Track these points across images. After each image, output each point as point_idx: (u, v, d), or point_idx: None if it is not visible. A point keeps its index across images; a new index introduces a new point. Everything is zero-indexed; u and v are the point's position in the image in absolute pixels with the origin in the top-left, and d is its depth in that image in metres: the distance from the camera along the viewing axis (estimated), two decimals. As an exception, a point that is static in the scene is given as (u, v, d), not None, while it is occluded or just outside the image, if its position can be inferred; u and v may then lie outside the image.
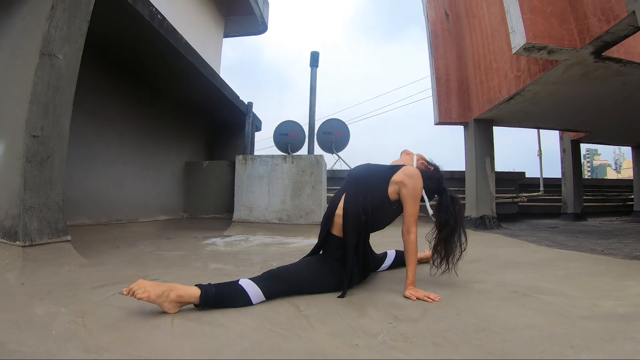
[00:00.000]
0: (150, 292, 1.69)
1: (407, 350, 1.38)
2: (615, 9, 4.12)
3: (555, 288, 2.40)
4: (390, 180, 2.33)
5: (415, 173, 2.34)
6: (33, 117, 2.86)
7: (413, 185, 2.30)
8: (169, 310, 1.74)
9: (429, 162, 2.66)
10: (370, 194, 2.32)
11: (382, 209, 2.36)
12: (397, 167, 2.40)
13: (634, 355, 1.31)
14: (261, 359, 1.29)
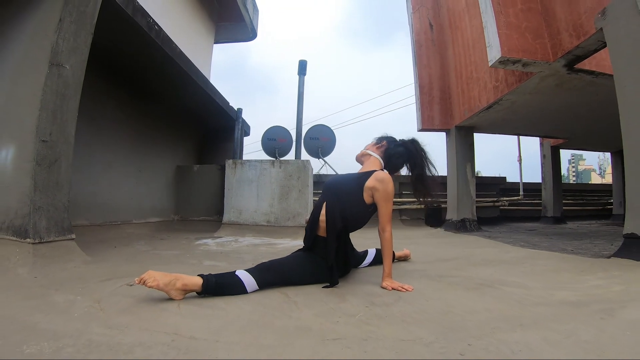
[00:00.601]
0: (159, 280, 1.94)
1: (378, 325, 1.66)
2: (585, 26, 4.38)
3: (518, 281, 2.68)
4: (364, 187, 2.58)
5: (385, 177, 2.58)
6: (42, 124, 3.08)
7: (384, 189, 2.56)
8: (175, 297, 1.99)
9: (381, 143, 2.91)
10: (349, 202, 2.58)
11: (359, 212, 2.63)
12: (369, 173, 2.64)
13: (573, 332, 1.57)
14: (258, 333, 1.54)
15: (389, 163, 2.82)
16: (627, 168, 3.72)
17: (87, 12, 3.60)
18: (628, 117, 3.69)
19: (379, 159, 2.80)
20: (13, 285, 2.28)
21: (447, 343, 1.44)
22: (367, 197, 2.59)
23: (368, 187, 2.58)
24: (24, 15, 3.50)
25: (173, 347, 1.35)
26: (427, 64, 8.80)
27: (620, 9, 3.74)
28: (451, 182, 8.48)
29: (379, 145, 2.86)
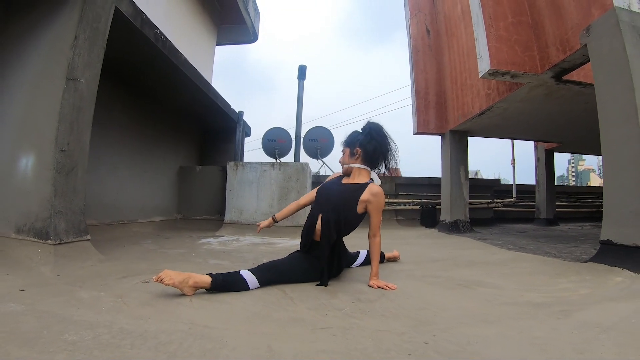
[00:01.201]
0: (174, 279, 2.23)
1: (361, 318, 1.97)
2: (571, 41, 4.58)
3: (494, 282, 2.98)
4: (359, 200, 2.86)
5: (378, 191, 2.88)
6: (61, 135, 3.36)
7: (377, 201, 2.86)
8: (187, 293, 2.28)
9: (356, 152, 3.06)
10: (344, 212, 2.87)
11: (352, 220, 2.92)
12: (364, 186, 2.91)
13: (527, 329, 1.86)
14: (259, 323, 1.83)
15: (373, 164, 3.07)
16: (605, 178, 3.93)
17: (100, 28, 3.88)
18: (606, 130, 3.91)
19: (365, 168, 3.04)
20: (40, 283, 2.55)
21: (416, 334, 1.74)
22: (361, 208, 2.88)
23: (363, 200, 2.86)
24: (38, 31, 3.76)
25: (190, 334, 1.64)
26: (424, 69, 9.03)
27: (603, 27, 3.95)
28: (445, 185, 8.74)
29: (357, 156, 3.05)
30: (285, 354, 1.46)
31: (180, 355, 1.41)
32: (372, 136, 3.02)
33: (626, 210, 3.60)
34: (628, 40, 3.70)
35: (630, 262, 3.33)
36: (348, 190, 2.96)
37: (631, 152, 3.59)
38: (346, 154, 3.13)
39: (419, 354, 1.50)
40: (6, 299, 2.09)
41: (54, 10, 3.72)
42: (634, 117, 3.55)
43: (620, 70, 3.73)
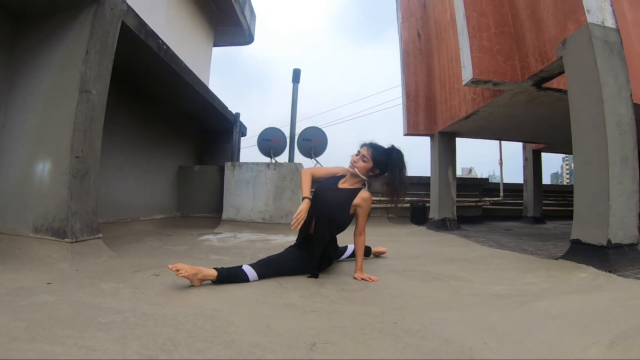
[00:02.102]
0: (188, 272, 2.57)
1: (344, 304, 2.35)
2: (548, 52, 4.86)
3: (467, 276, 3.33)
4: (352, 204, 3.25)
5: (368, 197, 3.27)
6: (76, 142, 3.69)
7: (366, 205, 3.27)
8: (195, 284, 2.64)
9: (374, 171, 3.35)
10: (336, 214, 3.23)
11: (343, 222, 3.31)
12: (357, 191, 3.29)
13: (484, 315, 2.21)
14: (258, 307, 2.18)
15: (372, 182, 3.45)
16: (575, 182, 4.26)
17: (108, 42, 4.19)
18: (577, 138, 4.24)
19: (364, 179, 3.39)
20: (63, 277, 2.86)
21: (389, 316, 2.11)
22: (352, 210, 3.27)
23: (354, 204, 3.24)
24: (50, 44, 4.08)
25: (202, 315, 2.00)
26: (414, 72, 9.35)
27: (577, 42, 4.24)
28: (434, 184, 9.09)
29: (372, 173, 3.34)
30: (281, 330, 1.83)
31: (195, 332, 1.77)
32: (395, 169, 3.27)
33: (593, 212, 3.92)
34: (599, 55, 3.99)
35: (596, 260, 3.66)
36: (343, 194, 3.30)
37: (598, 159, 3.89)
38: (367, 166, 3.27)
39: (388, 331, 1.87)
40: (37, 291, 2.41)
41: (66, 25, 4.05)
42: (602, 127, 3.86)
43: (592, 83, 4.02)
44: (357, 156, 3.29)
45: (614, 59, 4.07)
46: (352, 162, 3.31)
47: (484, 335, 1.86)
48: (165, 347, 1.58)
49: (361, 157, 3.27)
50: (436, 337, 1.81)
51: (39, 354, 1.48)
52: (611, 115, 3.87)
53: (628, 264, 3.61)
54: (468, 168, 68.00)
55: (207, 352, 1.54)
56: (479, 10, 5.66)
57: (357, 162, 3.27)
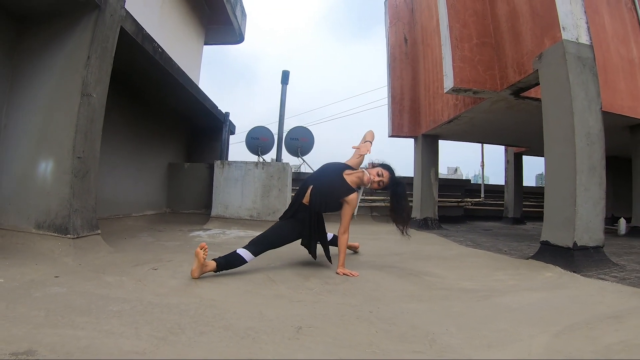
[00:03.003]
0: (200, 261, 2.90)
1: (327, 295, 2.65)
2: (525, 65, 5.11)
3: (440, 273, 3.65)
4: (342, 197, 3.60)
5: (353, 198, 3.62)
6: (77, 144, 3.90)
7: (350, 205, 3.61)
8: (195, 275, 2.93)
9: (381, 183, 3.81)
10: (329, 196, 3.59)
11: (332, 204, 3.64)
12: (351, 191, 3.65)
13: (450, 306, 2.52)
14: (250, 297, 2.46)
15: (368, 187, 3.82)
16: (546, 187, 4.58)
17: (108, 47, 4.39)
18: (549, 147, 4.52)
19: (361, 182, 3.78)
20: (68, 271, 3.08)
21: (365, 306, 2.42)
22: (340, 202, 3.61)
23: (344, 199, 3.59)
24: (52, 48, 4.25)
25: (202, 304, 2.29)
26: (400, 76, 9.66)
27: (552, 57, 4.49)
28: (416, 185, 9.42)
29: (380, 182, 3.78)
30: (271, 316, 2.13)
31: (198, 317, 2.05)
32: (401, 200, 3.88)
33: (561, 217, 4.23)
34: (572, 70, 4.25)
35: (562, 261, 3.96)
36: (342, 185, 3.67)
37: (567, 167, 4.19)
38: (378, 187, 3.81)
39: (364, 318, 2.18)
40: (48, 284, 2.63)
41: (67, 30, 4.23)
42: (571, 137, 4.14)
43: (563, 96, 4.29)
44: (378, 176, 3.74)
45: (586, 74, 4.31)
46: (372, 177, 3.72)
47: (447, 322, 2.16)
48: (173, 330, 1.86)
49: (379, 181, 3.75)
50: (405, 323, 2.11)
51: (64, 338, 1.72)
52: (580, 126, 4.14)
53: (593, 265, 3.91)
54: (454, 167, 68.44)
55: (210, 334, 1.82)
56: (462, 22, 5.92)
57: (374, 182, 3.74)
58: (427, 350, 1.77)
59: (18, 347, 1.57)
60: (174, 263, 3.57)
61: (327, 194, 3.58)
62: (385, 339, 1.88)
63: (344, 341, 1.82)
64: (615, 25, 6.76)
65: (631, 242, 6.50)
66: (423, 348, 1.79)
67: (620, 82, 6.61)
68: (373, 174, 3.74)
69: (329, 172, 3.75)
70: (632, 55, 6.93)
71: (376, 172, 3.75)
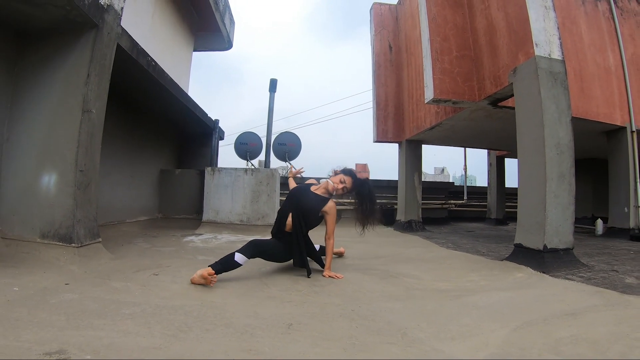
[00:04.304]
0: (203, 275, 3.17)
1: (314, 296, 2.98)
2: (501, 78, 5.36)
3: (418, 274, 3.96)
4: (321, 210, 3.90)
5: (333, 206, 3.94)
6: (80, 158, 4.14)
7: (332, 213, 3.92)
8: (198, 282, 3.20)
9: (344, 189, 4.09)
10: (309, 216, 3.87)
11: (314, 221, 3.95)
12: (325, 200, 3.95)
13: (423, 305, 2.84)
14: (246, 299, 2.75)
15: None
16: (519, 194, 4.87)
17: (106, 64, 4.61)
18: (522, 157, 4.81)
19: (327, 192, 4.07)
20: (76, 278, 3.30)
21: (347, 305, 2.74)
22: (320, 214, 3.92)
23: (323, 211, 3.90)
24: (52, 65, 4.43)
25: (203, 305, 2.59)
26: (385, 83, 9.96)
27: (525, 72, 4.75)
28: (401, 188, 9.74)
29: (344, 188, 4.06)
30: (265, 315, 2.45)
31: (201, 317, 2.35)
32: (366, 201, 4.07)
33: (533, 221, 4.51)
34: (543, 85, 4.51)
35: (533, 262, 4.24)
36: (316, 200, 3.95)
37: (538, 176, 4.48)
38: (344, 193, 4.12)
39: (346, 315, 2.50)
40: (60, 291, 2.85)
41: (67, 47, 4.42)
42: (541, 148, 4.41)
43: (535, 109, 4.55)
44: (341, 183, 4.04)
45: (557, 88, 4.58)
46: (335, 185, 4.02)
47: (419, 319, 2.48)
48: (181, 328, 2.15)
49: (343, 187, 4.03)
50: (382, 320, 2.44)
51: (88, 338, 1.97)
52: (550, 138, 4.41)
53: (562, 266, 4.18)
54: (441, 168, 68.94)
55: (214, 331, 2.13)
56: (443, 35, 6.18)
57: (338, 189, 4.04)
58: (399, 341, 2.09)
59: (50, 348, 1.82)
60: (172, 269, 3.84)
61: (307, 213, 3.85)
62: (363, 332, 2.19)
63: (328, 335, 2.14)
64: (592, 34, 7.07)
65: (606, 243, 6.78)
66: (395, 340, 2.11)
67: (596, 89, 6.91)
68: (336, 181, 4.04)
69: (300, 195, 4.00)
70: (608, 63, 7.24)
71: (339, 179, 4.04)
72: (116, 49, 4.89)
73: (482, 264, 4.64)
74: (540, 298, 3.08)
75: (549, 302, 2.95)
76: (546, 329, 2.33)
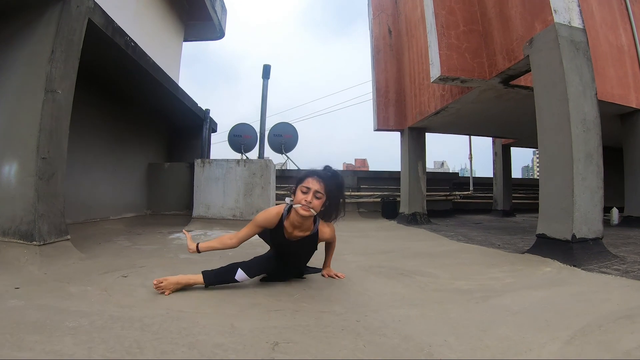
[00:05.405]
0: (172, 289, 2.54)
1: (308, 302, 2.41)
2: (515, 51, 4.96)
3: (432, 272, 3.43)
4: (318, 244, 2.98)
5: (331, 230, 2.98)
6: (42, 143, 3.65)
7: (333, 236, 3.03)
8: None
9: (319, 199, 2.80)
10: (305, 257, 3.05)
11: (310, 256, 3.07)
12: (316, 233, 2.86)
13: (445, 311, 2.29)
14: (224, 307, 2.22)
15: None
16: (541, 178, 4.39)
17: (75, 40, 4.13)
18: (542, 136, 4.36)
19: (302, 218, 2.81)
20: (32, 281, 2.85)
21: (352, 314, 2.18)
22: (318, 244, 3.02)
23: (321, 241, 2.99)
24: (15, 44, 4.03)
25: (168, 317, 2.04)
26: (385, 68, 9.52)
27: (543, 41, 4.34)
28: (404, 179, 9.29)
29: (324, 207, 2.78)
30: (244, 330, 1.88)
31: (161, 333, 1.81)
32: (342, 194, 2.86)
33: (558, 208, 4.05)
34: (565, 54, 4.09)
35: (560, 254, 3.79)
36: (306, 243, 2.89)
37: (563, 156, 4.02)
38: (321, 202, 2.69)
39: (350, 329, 1.94)
40: (6, 297, 2.40)
41: (32, 24, 3.99)
42: (566, 124, 3.98)
43: (557, 82, 4.13)
44: (308, 194, 2.63)
45: (579, 58, 4.16)
46: (305, 205, 2.61)
47: (444, 331, 1.93)
48: (130, 349, 1.62)
49: (313, 193, 2.63)
50: (396, 334, 1.88)
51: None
52: (576, 112, 3.97)
53: (592, 258, 3.74)
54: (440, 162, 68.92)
55: (172, 354, 1.59)
56: (448, 9, 5.75)
57: (312, 203, 2.62)
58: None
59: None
60: (146, 269, 3.34)
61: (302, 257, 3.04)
62: (374, 353, 1.65)
63: (326, 357, 1.60)
64: (603, 12, 6.67)
65: (626, 232, 6.38)
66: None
67: (610, 69, 6.55)
68: (300, 200, 2.64)
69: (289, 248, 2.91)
70: (620, 42, 6.88)
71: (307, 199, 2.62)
72: (88, 25, 4.42)
73: (501, 258, 4.16)
74: (581, 297, 2.60)
75: (593, 303, 2.46)
76: (605, 338, 1.84)
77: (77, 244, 4.12)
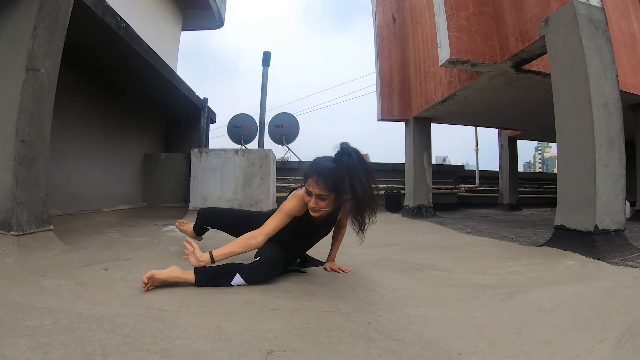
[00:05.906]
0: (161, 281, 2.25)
1: (309, 299, 2.10)
2: (529, 32, 4.72)
3: (446, 265, 3.15)
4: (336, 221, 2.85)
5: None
6: (21, 125, 3.34)
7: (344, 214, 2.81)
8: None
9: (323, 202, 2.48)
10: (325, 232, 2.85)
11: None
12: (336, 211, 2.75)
13: (469, 310, 2.00)
14: (212, 305, 1.93)
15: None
16: (559, 166, 4.14)
17: (60, 17, 3.83)
18: (561, 120, 4.10)
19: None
20: (5, 274, 2.57)
21: (360, 314, 1.87)
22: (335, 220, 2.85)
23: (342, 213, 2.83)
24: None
25: (145, 316, 1.74)
26: (388, 56, 9.21)
27: (561, 20, 4.08)
28: (408, 171, 8.98)
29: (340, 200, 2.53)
30: (233, 334, 1.57)
31: (132, 336, 1.51)
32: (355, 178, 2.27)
33: (579, 197, 3.79)
34: (584, 34, 3.83)
35: (582, 247, 3.53)
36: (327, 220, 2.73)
37: (584, 141, 3.76)
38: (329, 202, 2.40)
39: (360, 333, 1.63)
40: None
41: (14, 1, 3.66)
42: (587, 108, 3.71)
43: (576, 63, 3.86)
44: (311, 198, 2.36)
45: (599, 38, 3.91)
46: (312, 211, 2.41)
47: (472, 335, 1.64)
48: (92, 356, 1.32)
49: (316, 198, 2.35)
50: (416, 339, 1.58)
51: None
52: (597, 95, 3.73)
53: (616, 250, 3.51)
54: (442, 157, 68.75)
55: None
56: (457, -12, 5.46)
57: (317, 207, 2.36)
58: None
59: None
60: (131, 262, 3.04)
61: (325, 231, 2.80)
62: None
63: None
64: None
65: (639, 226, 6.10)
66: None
67: (622, 56, 6.27)
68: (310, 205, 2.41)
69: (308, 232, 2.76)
70: (633, 29, 6.62)
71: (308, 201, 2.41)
72: (77, 3, 4.12)
73: (517, 251, 3.90)
74: (615, 293, 2.34)
75: (630, 299, 2.21)
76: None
77: (63, 235, 3.86)
